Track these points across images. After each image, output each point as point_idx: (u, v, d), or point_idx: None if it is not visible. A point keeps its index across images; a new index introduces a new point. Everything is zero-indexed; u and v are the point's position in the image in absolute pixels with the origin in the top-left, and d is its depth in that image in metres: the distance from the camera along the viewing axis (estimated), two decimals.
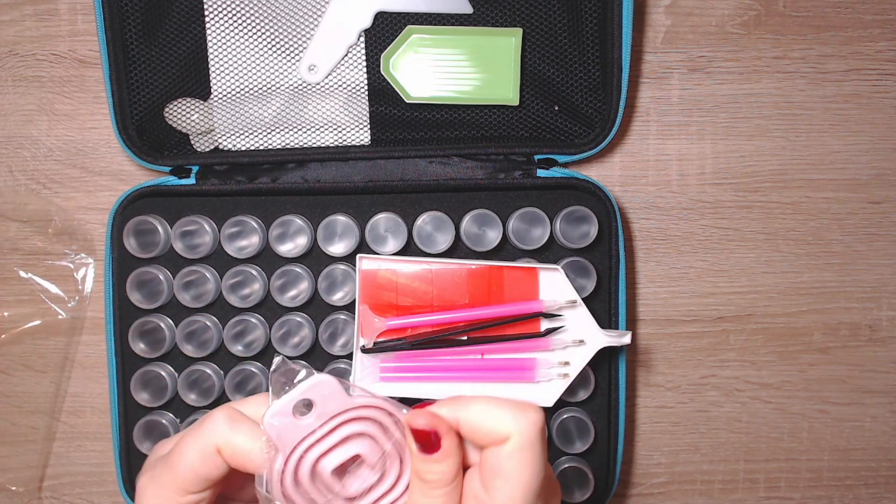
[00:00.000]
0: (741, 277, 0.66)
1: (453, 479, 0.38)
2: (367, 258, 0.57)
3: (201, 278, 0.60)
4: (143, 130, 0.60)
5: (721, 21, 0.64)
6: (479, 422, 0.38)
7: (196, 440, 0.40)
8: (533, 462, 0.37)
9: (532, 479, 0.37)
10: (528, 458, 0.37)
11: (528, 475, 0.37)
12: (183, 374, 0.60)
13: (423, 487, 0.38)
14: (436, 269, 0.57)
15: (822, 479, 0.67)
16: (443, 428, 0.38)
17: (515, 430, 0.37)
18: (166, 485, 0.40)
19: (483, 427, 0.38)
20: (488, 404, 0.38)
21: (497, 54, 0.60)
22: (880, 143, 0.65)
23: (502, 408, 0.38)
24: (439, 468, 0.38)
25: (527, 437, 0.37)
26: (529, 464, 0.37)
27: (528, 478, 0.37)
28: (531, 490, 0.37)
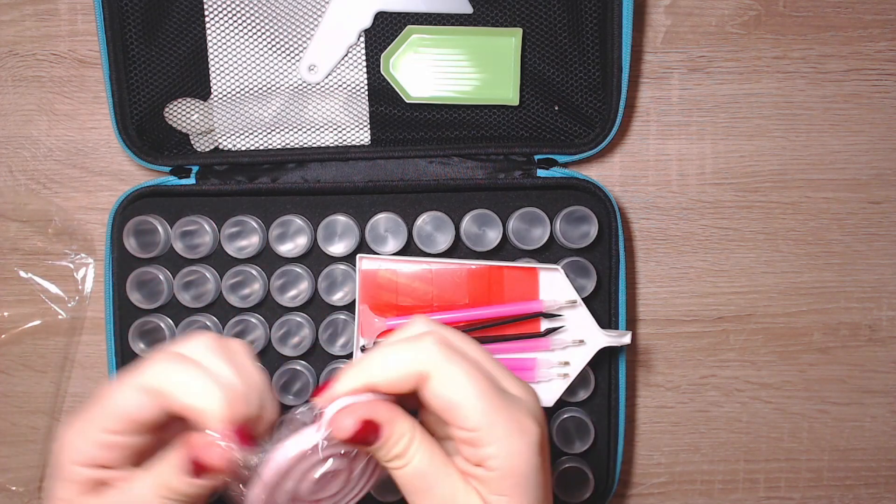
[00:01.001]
0: (741, 277, 0.66)
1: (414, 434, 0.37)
2: (367, 258, 0.57)
3: (201, 278, 0.60)
4: (143, 130, 0.60)
5: (721, 21, 0.64)
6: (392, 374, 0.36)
7: (130, 376, 0.36)
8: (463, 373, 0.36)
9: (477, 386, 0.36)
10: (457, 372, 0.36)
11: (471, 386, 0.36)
12: None
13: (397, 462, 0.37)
14: (436, 269, 0.57)
15: (822, 479, 0.67)
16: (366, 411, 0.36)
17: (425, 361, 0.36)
18: (87, 420, 0.37)
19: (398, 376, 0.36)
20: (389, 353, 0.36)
21: (497, 54, 0.60)
22: (880, 143, 0.65)
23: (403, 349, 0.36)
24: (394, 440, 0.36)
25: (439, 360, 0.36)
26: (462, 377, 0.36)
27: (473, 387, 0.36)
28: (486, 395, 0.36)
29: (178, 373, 0.36)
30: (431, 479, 0.37)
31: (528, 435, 0.36)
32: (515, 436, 0.36)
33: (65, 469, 0.37)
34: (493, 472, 0.36)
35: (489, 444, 0.36)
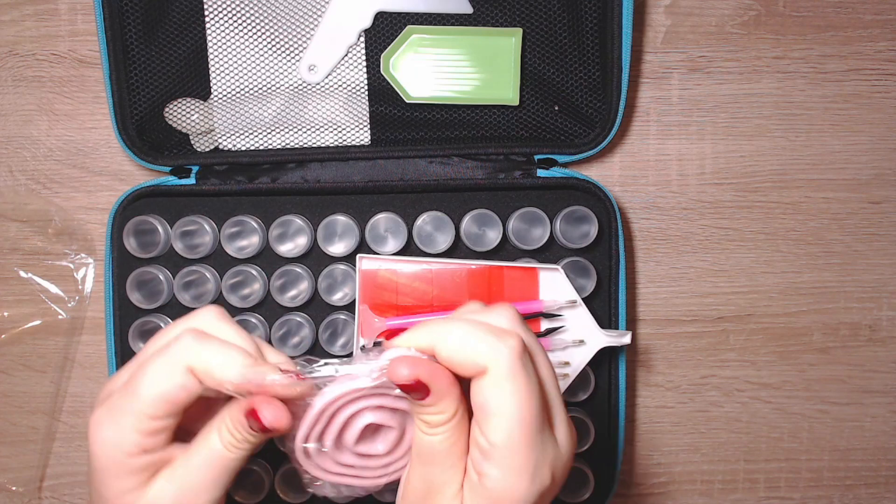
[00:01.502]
0: (741, 277, 0.66)
1: (453, 417, 0.36)
2: (367, 258, 0.57)
3: (201, 278, 0.60)
4: (143, 130, 0.60)
5: (721, 21, 0.64)
6: (455, 354, 0.35)
7: (162, 361, 0.36)
8: (517, 393, 0.35)
9: (523, 412, 0.35)
10: (512, 389, 0.35)
11: (516, 408, 0.35)
12: None
13: (422, 426, 0.37)
14: (436, 269, 0.57)
15: (822, 479, 0.67)
16: (425, 375, 0.35)
17: (491, 361, 0.35)
18: (127, 411, 0.36)
19: (459, 360, 0.35)
20: (463, 332, 0.35)
21: (497, 54, 0.60)
22: (880, 143, 0.65)
23: (476, 337, 0.35)
24: (434, 409, 0.36)
25: (505, 367, 0.35)
26: (514, 395, 0.35)
27: (518, 412, 0.35)
28: (526, 424, 0.35)
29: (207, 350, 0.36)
30: (438, 462, 0.37)
31: (537, 484, 0.36)
32: (524, 477, 0.35)
33: (116, 467, 0.37)
34: (484, 489, 0.36)
35: (497, 467, 0.35)
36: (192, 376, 0.36)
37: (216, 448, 0.37)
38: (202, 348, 0.36)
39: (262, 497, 0.59)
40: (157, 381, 0.36)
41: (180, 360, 0.36)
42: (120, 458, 0.37)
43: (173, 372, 0.36)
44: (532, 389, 0.35)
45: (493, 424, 0.35)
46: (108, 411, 0.37)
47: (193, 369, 0.36)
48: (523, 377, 0.35)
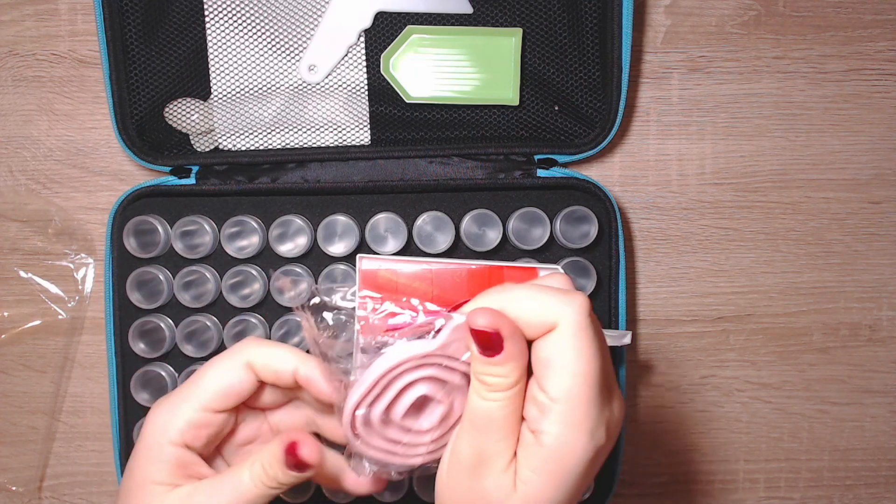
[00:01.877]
0: (741, 277, 0.66)
1: (515, 384, 0.36)
2: (367, 258, 0.57)
3: (201, 278, 0.60)
4: (143, 130, 0.60)
5: (721, 21, 0.64)
6: (525, 311, 0.36)
7: (224, 358, 0.41)
8: (586, 349, 0.35)
9: (588, 366, 0.35)
10: (580, 344, 0.35)
11: (583, 363, 0.35)
12: (183, 374, 0.60)
13: (482, 390, 0.36)
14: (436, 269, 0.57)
15: (822, 479, 0.67)
16: (506, 329, 0.35)
17: (561, 316, 0.35)
18: (185, 399, 0.40)
19: (528, 316, 0.36)
20: (532, 291, 0.36)
21: (497, 54, 0.60)
22: (880, 143, 0.65)
23: (546, 294, 0.36)
24: (500, 370, 0.36)
25: (574, 322, 0.35)
26: (582, 351, 0.35)
27: (584, 366, 0.35)
28: (590, 380, 0.35)
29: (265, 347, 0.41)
30: (493, 430, 0.36)
31: (595, 440, 0.36)
32: (583, 433, 0.35)
33: (156, 449, 0.40)
34: (540, 448, 0.35)
35: (557, 422, 0.35)
36: (251, 371, 0.41)
37: (244, 482, 0.40)
38: (261, 346, 0.41)
39: None
40: (218, 373, 0.41)
41: (241, 357, 0.41)
42: (163, 441, 0.40)
43: (234, 366, 0.41)
44: (599, 347, 0.36)
45: (557, 379, 0.35)
46: (169, 398, 0.41)
47: (253, 364, 0.41)
48: (592, 333, 0.35)
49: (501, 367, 0.36)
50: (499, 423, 0.36)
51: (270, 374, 0.41)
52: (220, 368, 0.41)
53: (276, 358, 0.41)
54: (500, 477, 0.36)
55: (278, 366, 0.41)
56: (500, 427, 0.36)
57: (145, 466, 0.40)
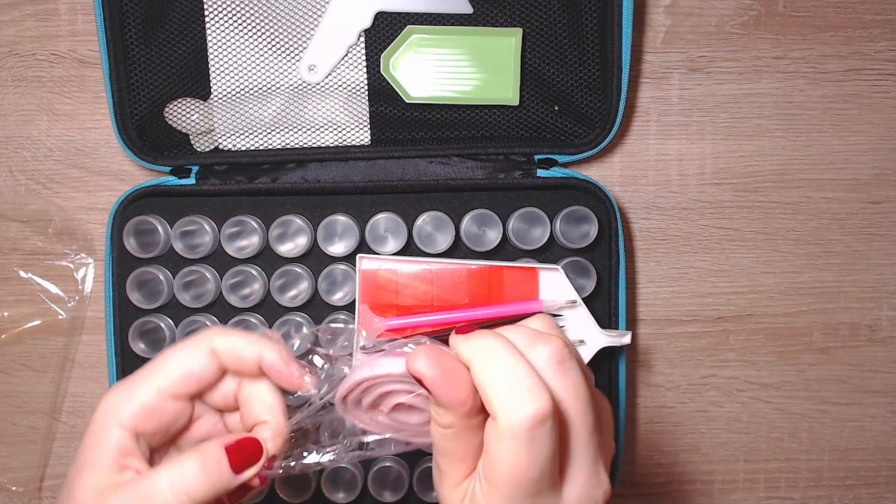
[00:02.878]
0: (741, 277, 0.66)
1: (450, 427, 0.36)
2: (367, 258, 0.57)
3: (201, 278, 0.60)
4: (143, 130, 0.60)
5: (721, 21, 0.64)
6: (480, 383, 0.35)
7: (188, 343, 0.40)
8: (517, 455, 0.33)
9: (516, 472, 0.34)
10: (512, 449, 0.33)
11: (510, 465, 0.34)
12: None
13: (435, 418, 0.37)
14: (436, 269, 0.57)
15: (822, 479, 0.67)
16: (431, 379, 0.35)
17: (502, 415, 0.34)
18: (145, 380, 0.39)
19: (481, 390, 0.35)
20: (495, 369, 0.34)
21: (497, 54, 0.60)
22: (880, 143, 0.65)
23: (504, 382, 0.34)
24: (436, 410, 0.36)
25: (512, 428, 0.33)
26: (513, 456, 0.34)
27: (511, 468, 0.34)
28: (517, 483, 0.34)
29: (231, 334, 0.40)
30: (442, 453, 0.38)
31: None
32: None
33: (103, 431, 0.39)
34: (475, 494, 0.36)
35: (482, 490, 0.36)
36: (215, 358, 0.40)
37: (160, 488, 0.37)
38: (226, 333, 0.40)
39: (262, 497, 0.59)
40: (181, 358, 0.40)
41: (205, 343, 0.40)
42: (112, 422, 0.38)
43: (197, 352, 0.40)
44: (532, 459, 0.34)
45: (486, 463, 0.35)
46: (126, 380, 0.40)
47: (217, 351, 0.40)
48: (525, 445, 0.33)
49: (435, 408, 0.37)
50: (447, 450, 0.37)
51: (234, 360, 0.40)
52: (184, 353, 0.40)
53: (241, 344, 0.40)
54: (450, 490, 0.38)
55: (243, 352, 0.40)
56: (447, 453, 0.37)
57: (88, 449, 0.39)
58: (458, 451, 0.37)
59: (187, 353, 0.40)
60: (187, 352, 0.40)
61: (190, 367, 0.40)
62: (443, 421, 0.36)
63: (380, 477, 0.60)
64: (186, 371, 0.40)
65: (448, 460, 0.37)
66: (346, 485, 0.59)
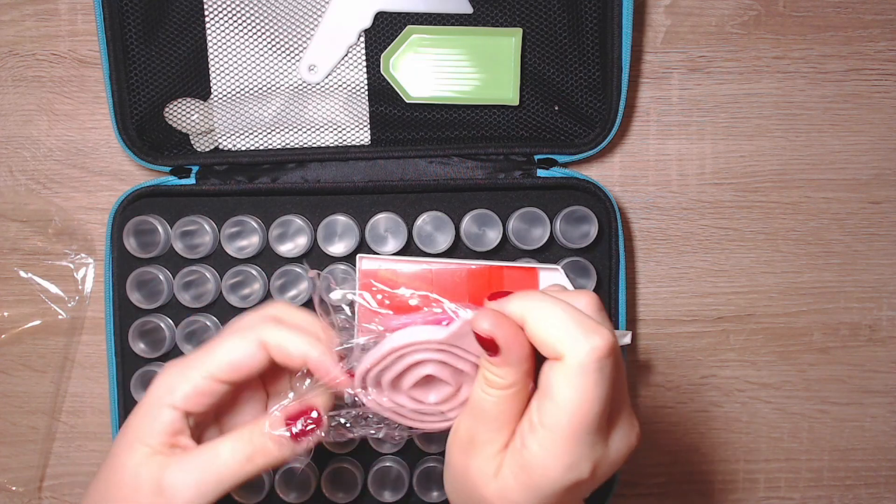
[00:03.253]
0: (741, 277, 0.66)
1: (511, 387, 0.37)
2: (367, 258, 0.57)
3: (201, 278, 0.60)
4: (143, 130, 0.60)
5: (721, 21, 0.64)
6: (541, 333, 0.36)
7: (241, 334, 0.41)
8: (585, 391, 0.35)
9: (582, 409, 0.35)
10: (580, 385, 0.35)
11: (577, 404, 0.35)
12: None
13: (482, 382, 0.38)
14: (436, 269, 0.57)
15: (822, 479, 0.67)
16: (503, 336, 0.36)
17: (572, 352, 0.35)
18: (197, 366, 0.41)
19: (542, 339, 0.36)
20: (553, 315, 0.36)
21: (497, 54, 0.60)
22: (880, 143, 0.65)
23: (566, 323, 0.35)
24: (497, 371, 0.37)
25: (581, 364, 0.35)
26: (580, 393, 0.35)
27: (578, 407, 0.35)
28: (581, 420, 0.35)
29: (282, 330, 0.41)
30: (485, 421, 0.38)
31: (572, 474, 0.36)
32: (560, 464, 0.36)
33: (157, 409, 0.40)
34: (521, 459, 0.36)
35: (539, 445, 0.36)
36: (264, 350, 0.41)
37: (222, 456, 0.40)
38: (278, 329, 0.41)
39: (262, 497, 0.59)
40: (232, 346, 0.41)
41: (256, 335, 0.41)
42: (166, 401, 0.40)
43: (248, 343, 0.41)
44: (599, 393, 0.35)
45: (548, 409, 0.35)
46: (181, 362, 0.41)
47: (267, 344, 0.41)
48: (595, 379, 0.35)
49: (499, 369, 0.37)
50: (492, 416, 0.37)
51: (282, 356, 0.41)
52: (235, 342, 0.41)
53: (290, 342, 0.41)
54: (485, 462, 0.38)
55: (290, 350, 0.41)
56: (493, 419, 0.38)
57: (140, 425, 0.41)
58: (507, 414, 0.37)
59: (238, 342, 0.41)
60: (239, 341, 0.41)
61: (240, 357, 0.41)
62: (506, 381, 0.37)
63: (380, 477, 0.60)
64: (236, 360, 0.41)
65: (492, 427, 0.37)
66: (346, 485, 0.59)
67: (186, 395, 0.40)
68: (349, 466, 0.59)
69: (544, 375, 0.36)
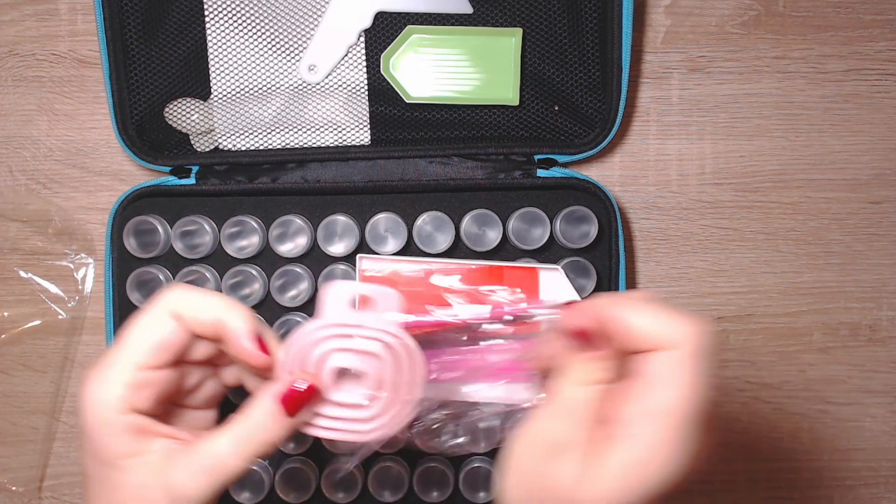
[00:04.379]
0: (741, 277, 0.66)
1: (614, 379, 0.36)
2: (367, 258, 0.57)
3: (201, 278, 0.60)
4: (143, 130, 0.60)
5: (721, 21, 0.64)
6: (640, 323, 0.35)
7: (149, 312, 0.38)
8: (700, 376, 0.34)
9: (699, 394, 0.34)
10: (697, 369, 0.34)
11: (694, 388, 0.34)
12: None
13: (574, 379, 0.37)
14: (436, 269, 0.57)
15: (822, 479, 0.67)
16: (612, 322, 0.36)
17: (685, 338, 0.34)
18: (115, 364, 0.37)
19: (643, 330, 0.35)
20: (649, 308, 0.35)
21: (497, 54, 0.60)
22: (880, 143, 0.65)
23: (667, 314, 0.35)
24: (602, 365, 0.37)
25: (696, 348, 0.34)
26: (696, 377, 0.34)
27: (695, 392, 0.34)
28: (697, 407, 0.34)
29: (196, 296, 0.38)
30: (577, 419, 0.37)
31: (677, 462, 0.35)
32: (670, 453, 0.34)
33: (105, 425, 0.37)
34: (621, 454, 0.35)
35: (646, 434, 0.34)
36: (179, 322, 0.38)
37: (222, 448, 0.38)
38: (187, 293, 0.38)
39: (262, 497, 0.59)
40: (143, 329, 0.38)
41: (165, 308, 0.38)
42: (110, 415, 0.37)
43: (159, 319, 0.38)
44: (708, 379, 0.35)
45: (662, 397, 0.34)
46: (96, 369, 0.38)
47: (180, 314, 0.38)
48: (707, 364, 0.34)
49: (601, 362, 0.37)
50: (585, 415, 0.37)
51: (196, 323, 0.38)
52: (146, 323, 0.38)
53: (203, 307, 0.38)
54: (574, 465, 0.36)
55: (202, 315, 0.38)
56: (586, 418, 0.37)
57: (108, 444, 0.37)
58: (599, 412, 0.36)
59: (149, 322, 0.38)
60: (149, 321, 0.38)
61: (158, 337, 0.38)
62: (609, 374, 0.36)
63: (380, 477, 0.60)
64: (155, 342, 0.38)
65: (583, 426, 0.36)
66: (346, 485, 0.59)
67: (122, 397, 0.37)
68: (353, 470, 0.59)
69: (653, 368, 0.35)
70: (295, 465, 0.59)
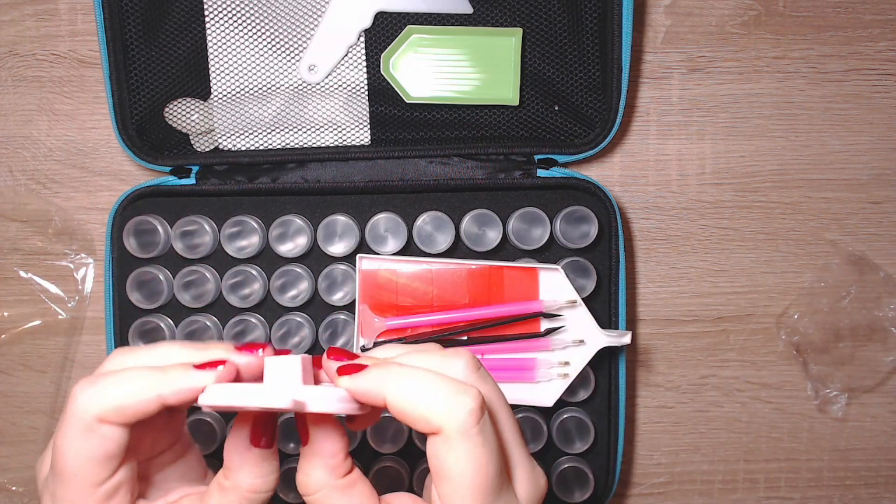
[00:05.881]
0: (741, 277, 0.66)
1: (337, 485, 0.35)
2: (367, 258, 0.57)
3: (201, 278, 0.60)
4: (143, 130, 0.60)
5: (721, 21, 0.64)
6: (407, 408, 0.33)
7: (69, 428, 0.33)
8: (473, 457, 0.32)
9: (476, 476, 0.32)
10: (467, 453, 0.32)
11: (470, 473, 0.32)
12: None
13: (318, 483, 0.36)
14: (436, 269, 0.57)
15: (822, 479, 0.67)
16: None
17: (447, 421, 0.32)
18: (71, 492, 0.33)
19: (411, 415, 0.33)
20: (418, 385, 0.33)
21: (497, 54, 0.60)
22: (880, 143, 0.65)
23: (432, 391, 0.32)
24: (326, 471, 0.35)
25: (460, 430, 0.32)
26: (469, 460, 0.32)
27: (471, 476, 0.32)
28: (479, 490, 0.32)
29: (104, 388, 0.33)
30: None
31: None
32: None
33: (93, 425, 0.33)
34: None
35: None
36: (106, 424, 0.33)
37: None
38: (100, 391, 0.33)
39: None
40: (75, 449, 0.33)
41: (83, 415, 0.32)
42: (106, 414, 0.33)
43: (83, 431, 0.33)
44: (489, 451, 0.33)
45: (447, 489, 0.33)
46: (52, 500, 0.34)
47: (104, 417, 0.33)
48: (479, 439, 0.32)
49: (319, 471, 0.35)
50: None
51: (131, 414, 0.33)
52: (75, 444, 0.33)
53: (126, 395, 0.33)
54: None
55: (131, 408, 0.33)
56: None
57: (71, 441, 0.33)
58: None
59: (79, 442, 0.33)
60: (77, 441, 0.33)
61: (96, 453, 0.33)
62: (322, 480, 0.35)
63: (380, 477, 0.60)
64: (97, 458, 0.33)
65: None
66: None
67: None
68: None
69: (431, 456, 0.33)
70: (295, 466, 0.59)
